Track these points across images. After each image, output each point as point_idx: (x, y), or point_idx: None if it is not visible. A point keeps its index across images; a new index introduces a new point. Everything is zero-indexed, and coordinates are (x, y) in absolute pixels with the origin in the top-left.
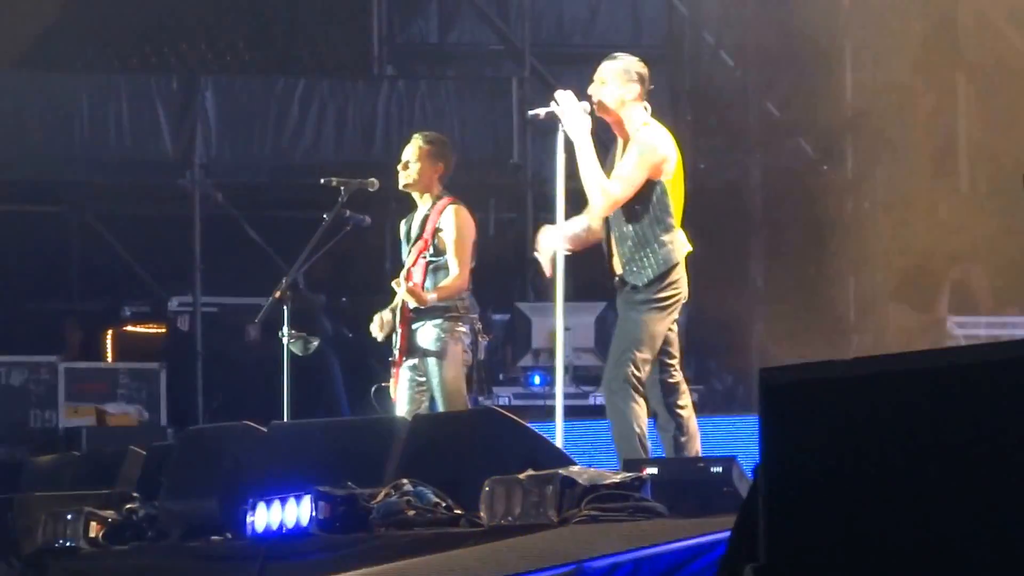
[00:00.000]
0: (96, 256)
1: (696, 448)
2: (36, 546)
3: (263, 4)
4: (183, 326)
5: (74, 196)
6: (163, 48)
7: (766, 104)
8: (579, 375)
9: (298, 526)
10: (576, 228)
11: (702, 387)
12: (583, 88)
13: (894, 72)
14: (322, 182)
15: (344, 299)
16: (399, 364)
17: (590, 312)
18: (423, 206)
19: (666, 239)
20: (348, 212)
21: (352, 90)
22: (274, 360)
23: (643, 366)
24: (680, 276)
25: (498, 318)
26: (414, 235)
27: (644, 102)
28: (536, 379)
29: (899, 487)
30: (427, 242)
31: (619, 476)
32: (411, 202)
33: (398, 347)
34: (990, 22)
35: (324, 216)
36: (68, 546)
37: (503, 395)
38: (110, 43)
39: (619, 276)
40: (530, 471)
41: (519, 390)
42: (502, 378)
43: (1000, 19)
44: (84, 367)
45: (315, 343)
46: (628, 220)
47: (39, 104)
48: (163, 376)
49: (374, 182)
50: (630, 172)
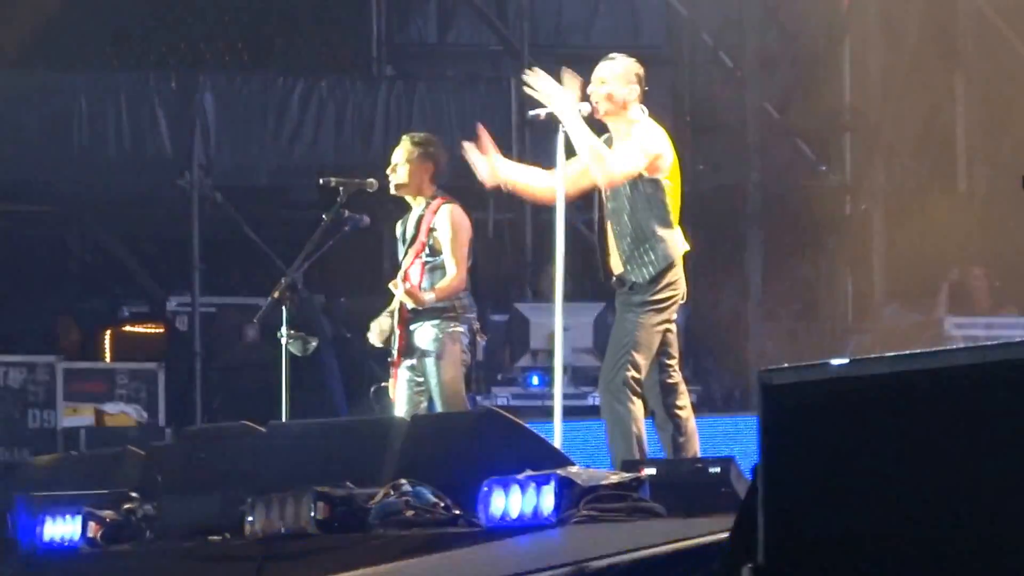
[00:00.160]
0: (95, 256)
1: (694, 448)
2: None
3: (262, 4)
4: (182, 326)
5: (72, 196)
6: (162, 48)
7: (764, 105)
8: (578, 375)
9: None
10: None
11: (700, 387)
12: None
13: (892, 74)
14: (321, 182)
15: (343, 299)
16: (398, 364)
17: (589, 312)
18: (417, 207)
19: (665, 235)
20: (347, 212)
21: (351, 90)
22: (273, 360)
23: (641, 368)
24: (678, 276)
25: (497, 318)
26: (410, 236)
27: (641, 103)
28: (535, 379)
29: (897, 487)
30: (423, 243)
31: (617, 477)
32: (407, 203)
33: (396, 348)
34: (988, 23)
35: (323, 216)
36: (67, 546)
37: (502, 395)
38: (109, 43)
39: (618, 276)
40: (528, 471)
41: (518, 390)
42: (500, 378)
43: (998, 20)
44: (83, 367)
45: (314, 343)
46: (628, 214)
47: (37, 104)
48: (162, 376)
49: (373, 182)
50: (629, 149)
